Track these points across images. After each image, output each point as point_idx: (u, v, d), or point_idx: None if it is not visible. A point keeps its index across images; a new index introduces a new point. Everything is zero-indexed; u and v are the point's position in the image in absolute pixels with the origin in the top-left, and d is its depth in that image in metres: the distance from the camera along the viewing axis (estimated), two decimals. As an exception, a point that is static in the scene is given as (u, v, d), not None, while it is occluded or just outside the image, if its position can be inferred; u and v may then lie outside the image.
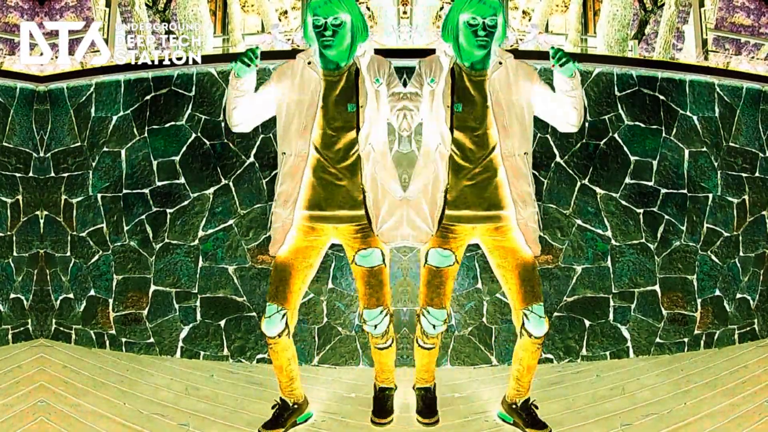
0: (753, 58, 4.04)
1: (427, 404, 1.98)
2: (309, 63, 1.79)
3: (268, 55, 2.83)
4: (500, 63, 1.77)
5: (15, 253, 2.86)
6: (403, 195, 1.85)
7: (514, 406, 1.90)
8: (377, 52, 2.74)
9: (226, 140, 2.69)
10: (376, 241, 1.80)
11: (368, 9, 4.84)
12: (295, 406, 1.90)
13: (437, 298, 1.81)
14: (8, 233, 2.84)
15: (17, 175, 2.88)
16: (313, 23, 1.72)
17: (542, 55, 2.79)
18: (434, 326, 1.82)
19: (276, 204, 1.80)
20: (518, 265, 1.77)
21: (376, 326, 1.82)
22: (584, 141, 2.67)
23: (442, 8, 4.89)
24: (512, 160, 1.74)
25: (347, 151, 1.76)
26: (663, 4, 3.99)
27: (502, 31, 1.75)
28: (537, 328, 1.76)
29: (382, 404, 1.98)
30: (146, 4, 4.03)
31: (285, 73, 1.81)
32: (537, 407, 1.90)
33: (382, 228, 1.79)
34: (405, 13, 3.83)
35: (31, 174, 2.91)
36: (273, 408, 1.90)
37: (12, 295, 2.83)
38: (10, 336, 2.80)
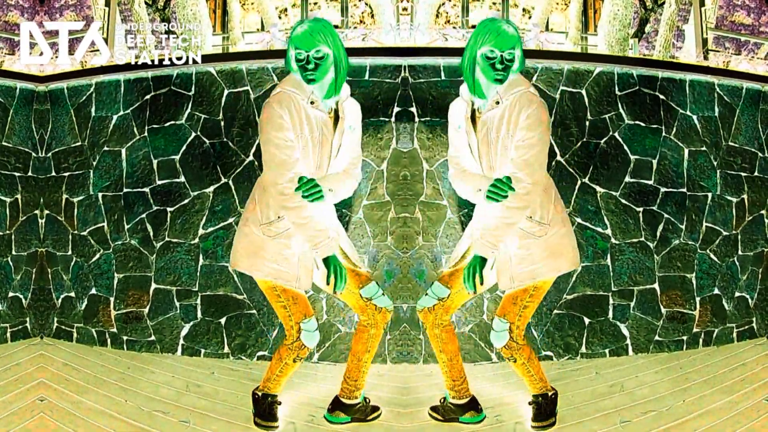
0: (753, 57, 4.04)
1: (438, 405, 1.99)
2: (312, 102, 1.75)
3: (267, 55, 2.85)
4: (497, 103, 1.72)
5: (13, 252, 2.86)
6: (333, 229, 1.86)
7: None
8: (378, 51, 2.75)
9: (225, 139, 2.70)
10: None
11: (368, 5, 4.84)
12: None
13: (449, 275, 1.85)
14: (7, 232, 2.84)
15: (16, 174, 2.88)
16: (296, 57, 1.72)
17: (543, 54, 2.81)
18: (426, 294, 1.87)
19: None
20: None
21: (383, 294, 1.86)
22: (585, 140, 2.68)
23: (443, 4, 4.89)
24: None
25: None
26: (663, 3, 3.99)
27: (519, 63, 1.72)
28: (493, 338, 1.83)
29: (373, 405, 1.99)
30: (146, 3, 4.03)
31: (289, 107, 1.73)
32: (549, 401, 1.88)
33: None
34: (405, 9, 3.81)
35: (30, 173, 2.91)
36: (262, 404, 1.89)
37: (11, 294, 2.83)
38: (8, 334, 2.81)
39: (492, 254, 1.72)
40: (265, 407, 1.89)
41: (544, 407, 1.88)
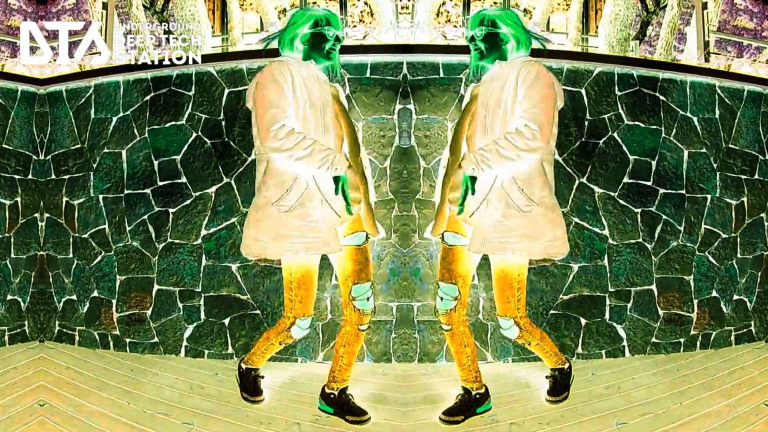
0: (755, 61, 4.03)
1: (455, 405, 1.98)
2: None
3: (269, 54, 2.83)
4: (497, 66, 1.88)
5: (12, 255, 2.85)
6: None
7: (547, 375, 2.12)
8: (379, 48, 2.74)
9: (226, 139, 2.69)
10: (359, 226, 1.93)
11: (366, 4, 4.81)
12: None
13: (447, 273, 1.93)
14: (6, 235, 2.84)
15: (16, 177, 2.88)
16: (325, 33, 1.87)
17: (542, 53, 2.78)
18: (441, 299, 1.94)
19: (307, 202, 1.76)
20: (496, 277, 1.92)
21: (368, 299, 1.92)
22: (583, 139, 2.68)
23: (444, 3, 4.86)
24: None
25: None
26: (665, 6, 3.97)
27: (522, 39, 1.87)
28: (506, 334, 1.98)
29: (354, 404, 1.99)
30: (144, 6, 4.01)
31: (284, 75, 1.76)
32: (564, 375, 2.08)
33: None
34: (405, 8, 3.80)
35: (30, 176, 2.91)
36: (247, 378, 2.09)
37: (9, 297, 2.83)
38: (6, 338, 2.81)
39: (473, 171, 1.71)
40: (249, 381, 2.07)
41: (560, 381, 2.07)
